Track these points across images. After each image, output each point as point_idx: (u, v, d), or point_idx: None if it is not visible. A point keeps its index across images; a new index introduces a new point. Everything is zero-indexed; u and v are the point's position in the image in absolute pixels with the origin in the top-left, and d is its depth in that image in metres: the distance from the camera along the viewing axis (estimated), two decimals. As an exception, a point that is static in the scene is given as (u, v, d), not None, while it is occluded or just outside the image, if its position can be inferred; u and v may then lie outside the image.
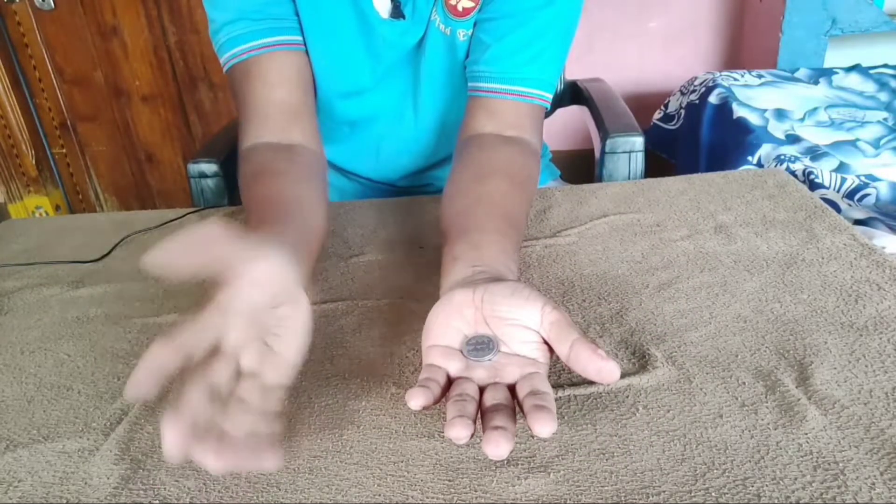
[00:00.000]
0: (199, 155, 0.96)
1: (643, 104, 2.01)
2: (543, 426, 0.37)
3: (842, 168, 1.32)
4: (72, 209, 2.20)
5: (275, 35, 0.69)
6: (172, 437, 0.34)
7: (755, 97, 1.61)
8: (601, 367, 0.40)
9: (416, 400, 0.40)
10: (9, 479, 0.42)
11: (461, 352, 0.45)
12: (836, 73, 1.71)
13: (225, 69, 0.71)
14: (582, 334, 0.42)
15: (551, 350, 0.44)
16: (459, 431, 0.38)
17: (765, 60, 1.88)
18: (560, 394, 0.45)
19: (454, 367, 0.44)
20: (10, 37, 1.95)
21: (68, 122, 2.08)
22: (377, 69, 0.78)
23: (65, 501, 0.40)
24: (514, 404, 0.41)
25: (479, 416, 0.41)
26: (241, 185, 0.65)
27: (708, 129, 1.63)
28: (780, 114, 1.53)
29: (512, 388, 0.42)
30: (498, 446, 0.37)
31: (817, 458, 0.38)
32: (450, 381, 0.43)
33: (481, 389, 0.42)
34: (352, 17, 0.73)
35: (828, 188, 1.29)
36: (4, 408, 0.49)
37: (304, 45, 0.73)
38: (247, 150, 0.68)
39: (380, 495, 0.39)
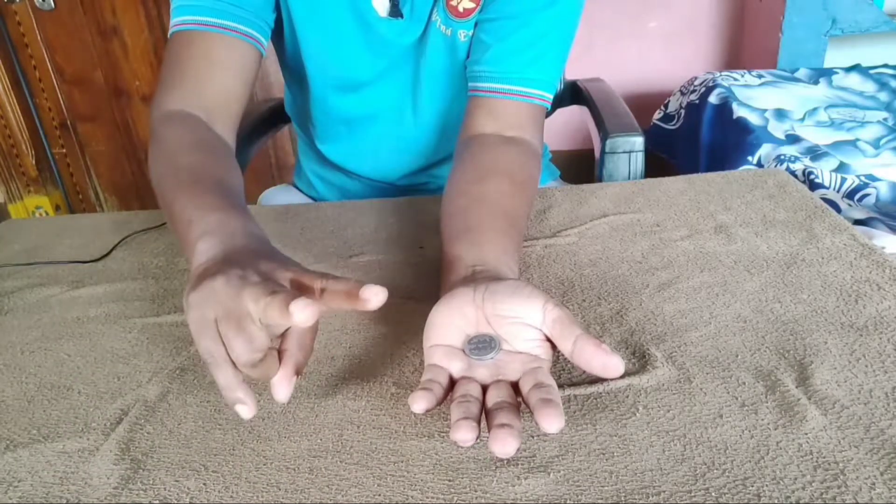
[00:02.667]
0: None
1: (643, 104, 2.01)
2: (552, 422, 0.37)
3: (842, 168, 1.32)
4: (72, 209, 2.20)
5: (228, 19, 0.67)
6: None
7: (755, 97, 1.61)
8: (606, 362, 0.41)
9: (419, 404, 0.40)
10: (9, 479, 0.42)
11: (463, 351, 0.45)
12: (836, 73, 1.71)
13: (170, 32, 0.68)
14: (585, 330, 0.42)
15: (554, 347, 0.44)
16: (465, 434, 0.38)
17: (765, 60, 1.88)
18: (560, 394, 0.45)
19: (456, 366, 0.44)
20: (10, 37, 1.95)
21: (68, 122, 2.08)
22: (375, 66, 0.78)
23: (65, 501, 0.40)
24: (517, 401, 0.41)
25: (483, 415, 0.41)
26: (179, 150, 0.60)
27: (708, 129, 1.63)
28: (780, 114, 1.53)
29: (515, 386, 0.42)
30: (505, 444, 0.37)
31: (817, 458, 0.38)
32: (452, 381, 0.43)
33: (484, 388, 0.42)
34: (349, 13, 0.73)
35: (828, 188, 1.29)
36: (4, 408, 0.49)
37: (261, 43, 0.70)
38: (176, 112, 0.64)
39: (380, 495, 0.39)
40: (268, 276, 0.41)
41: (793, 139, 1.43)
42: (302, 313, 0.36)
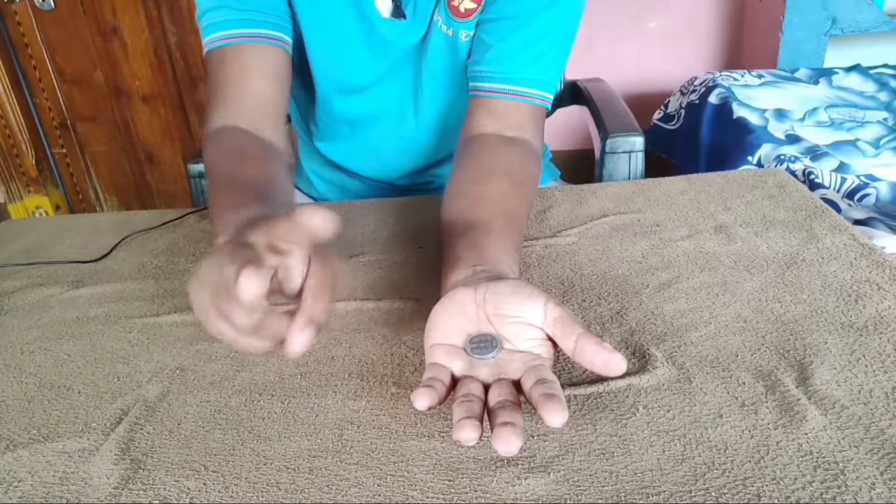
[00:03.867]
0: (199, 155, 0.96)
1: (643, 104, 2.01)
2: (555, 416, 0.37)
3: (842, 168, 1.32)
4: (72, 209, 2.20)
5: (255, 27, 0.69)
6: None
7: (755, 97, 1.61)
8: (608, 360, 0.40)
9: (422, 401, 0.40)
10: (9, 479, 0.42)
11: (465, 350, 0.45)
12: (836, 73, 1.71)
13: (204, 53, 0.71)
14: (586, 329, 0.42)
15: (555, 346, 0.44)
16: (469, 434, 0.38)
17: (765, 60, 1.88)
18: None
19: (458, 365, 0.44)
20: (10, 37, 1.95)
21: (68, 122, 2.08)
22: (378, 67, 0.78)
23: (65, 501, 0.40)
24: (519, 400, 0.41)
25: (485, 414, 0.41)
26: (214, 163, 0.63)
27: (708, 129, 1.63)
28: (780, 114, 1.53)
29: (516, 385, 0.42)
30: (508, 443, 0.37)
31: (817, 458, 0.38)
32: (454, 380, 0.43)
33: (486, 388, 0.42)
34: (352, 15, 0.73)
35: (828, 188, 1.29)
36: (4, 408, 0.49)
37: (288, 43, 0.72)
38: (217, 129, 0.67)
39: (380, 495, 0.39)
40: (243, 245, 0.41)
41: (793, 139, 1.43)
42: (248, 284, 0.37)
